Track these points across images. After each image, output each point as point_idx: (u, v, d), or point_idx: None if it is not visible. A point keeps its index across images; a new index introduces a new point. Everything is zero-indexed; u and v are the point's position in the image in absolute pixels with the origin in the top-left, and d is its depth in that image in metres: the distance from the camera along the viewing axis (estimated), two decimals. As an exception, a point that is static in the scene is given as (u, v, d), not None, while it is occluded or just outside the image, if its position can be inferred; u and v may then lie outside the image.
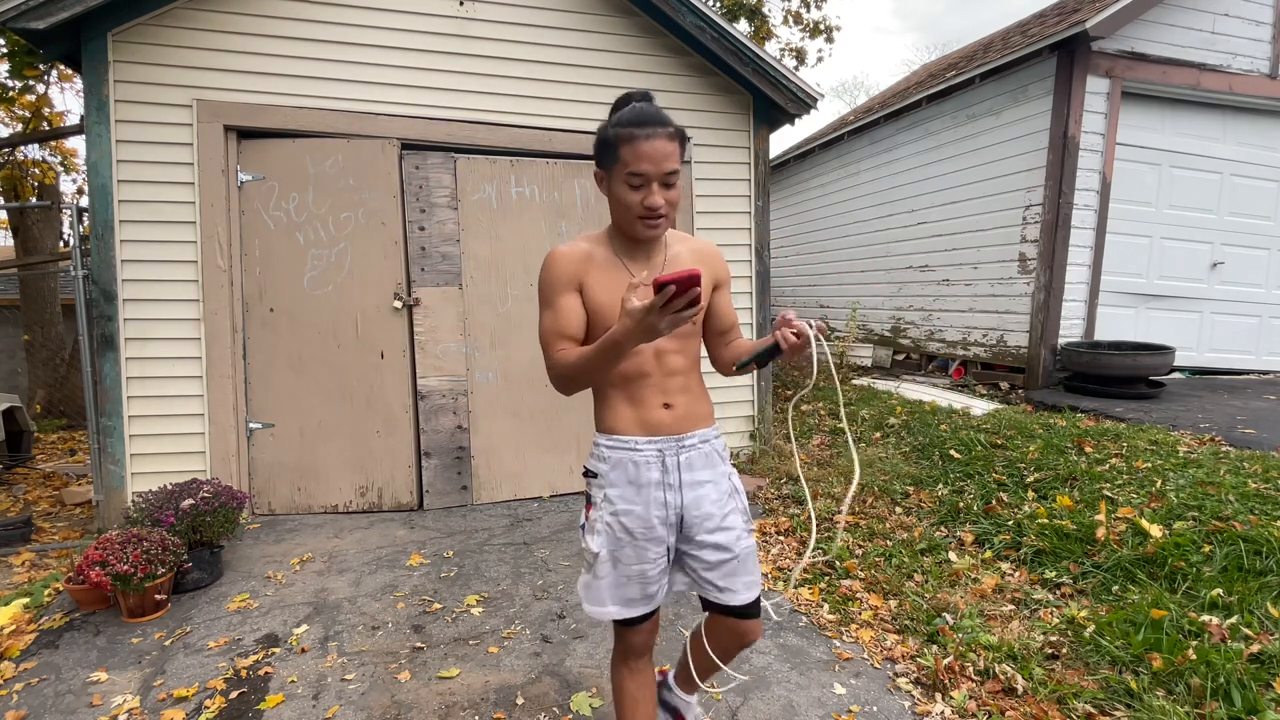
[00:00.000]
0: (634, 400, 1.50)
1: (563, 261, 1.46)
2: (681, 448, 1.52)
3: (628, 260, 1.48)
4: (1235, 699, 1.94)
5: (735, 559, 1.54)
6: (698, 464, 1.53)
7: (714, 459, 1.56)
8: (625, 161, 1.35)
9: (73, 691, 2.27)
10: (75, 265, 3.74)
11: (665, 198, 1.38)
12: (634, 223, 1.40)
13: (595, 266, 1.46)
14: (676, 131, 1.37)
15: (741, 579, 1.55)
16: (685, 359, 1.52)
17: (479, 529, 3.76)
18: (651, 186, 1.36)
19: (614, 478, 1.51)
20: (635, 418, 1.50)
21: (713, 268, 1.56)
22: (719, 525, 1.53)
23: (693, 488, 1.52)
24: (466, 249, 4.15)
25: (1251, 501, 2.95)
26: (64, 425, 7.58)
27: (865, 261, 8.01)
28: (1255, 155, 6.02)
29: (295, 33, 3.80)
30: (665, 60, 4.44)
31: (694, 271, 1.12)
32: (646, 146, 1.33)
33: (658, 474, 1.50)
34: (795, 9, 10.77)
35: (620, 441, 1.50)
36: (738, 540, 1.54)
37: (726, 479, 1.58)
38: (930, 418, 4.99)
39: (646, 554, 1.51)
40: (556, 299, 1.45)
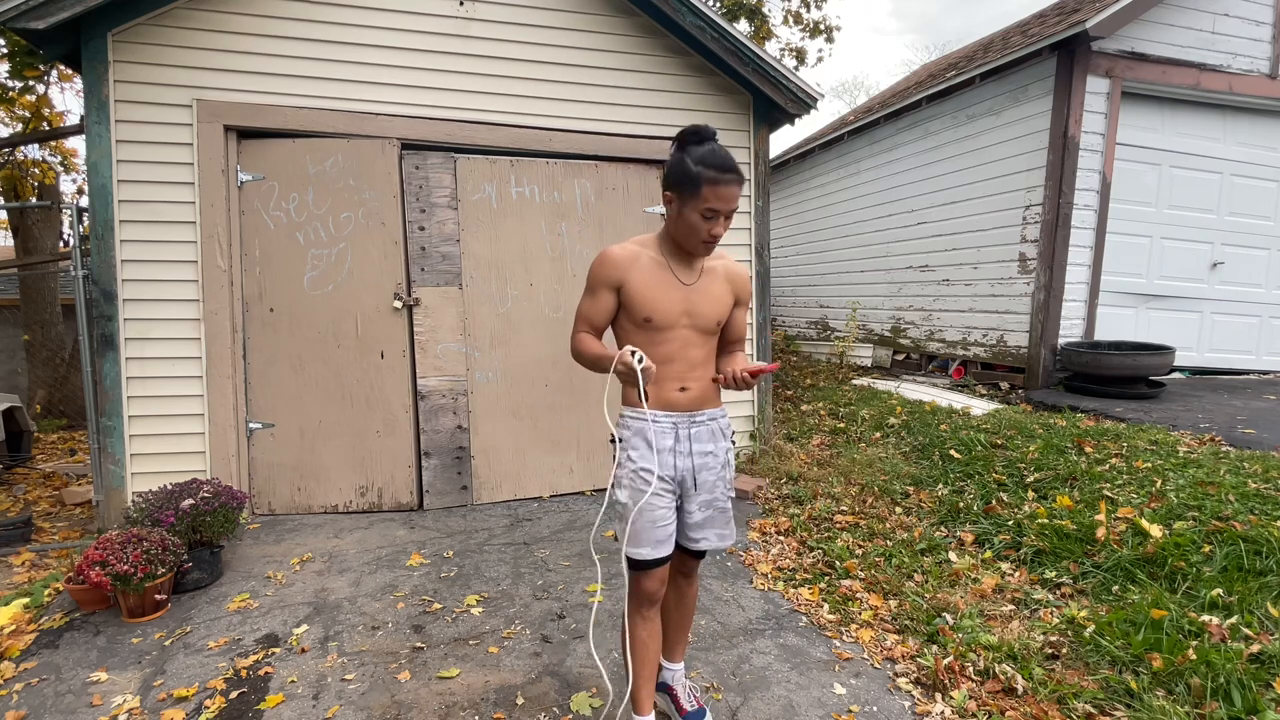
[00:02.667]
0: (658, 382, 1.79)
1: (608, 264, 1.78)
2: (693, 423, 1.84)
3: (674, 264, 1.81)
4: (1235, 699, 1.94)
5: (719, 512, 1.91)
6: (704, 437, 1.86)
7: (718, 434, 1.90)
8: (705, 198, 1.66)
9: (73, 691, 2.27)
10: (75, 265, 3.74)
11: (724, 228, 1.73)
12: (697, 245, 1.74)
13: (641, 267, 1.78)
14: (743, 178, 1.71)
15: (715, 529, 1.91)
16: (704, 351, 1.84)
17: (479, 529, 3.76)
18: (719, 220, 1.69)
19: (635, 442, 1.82)
20: (657, 396, 1.80)
21: (736, 287, 1.89)
22: (712, 487, 1.89)
23: (701, 456, 1.85)
24: (466, 249, 4.15)
25: (1251, 501, 2.95)
26: (64, 425, 7.58)
27: (865, 261, 8.00)
28: (1255, 155, 6.02)
29: (295, 33, 3.80)
30: (665, 60, 4.44)
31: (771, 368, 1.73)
32: (726, 191, 1.66)
33: (671, 441, 1.82)
34: (795, 9, 10.77)
35: (640, 414, 1.80)
36: (720, 501, 1.91)
37: (725, 452, 1.92)
38: (930, 418, 4.99)
39: (660, 499, 1.81)
40: (596, 291, 1.81)
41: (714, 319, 1.82)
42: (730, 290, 1.87)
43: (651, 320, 1.78)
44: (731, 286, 1.88)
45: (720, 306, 1.83)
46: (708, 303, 1.80)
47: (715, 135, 1.72)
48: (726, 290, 1.85)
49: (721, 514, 1.92)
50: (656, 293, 1.77)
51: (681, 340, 1.80)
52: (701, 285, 1.81)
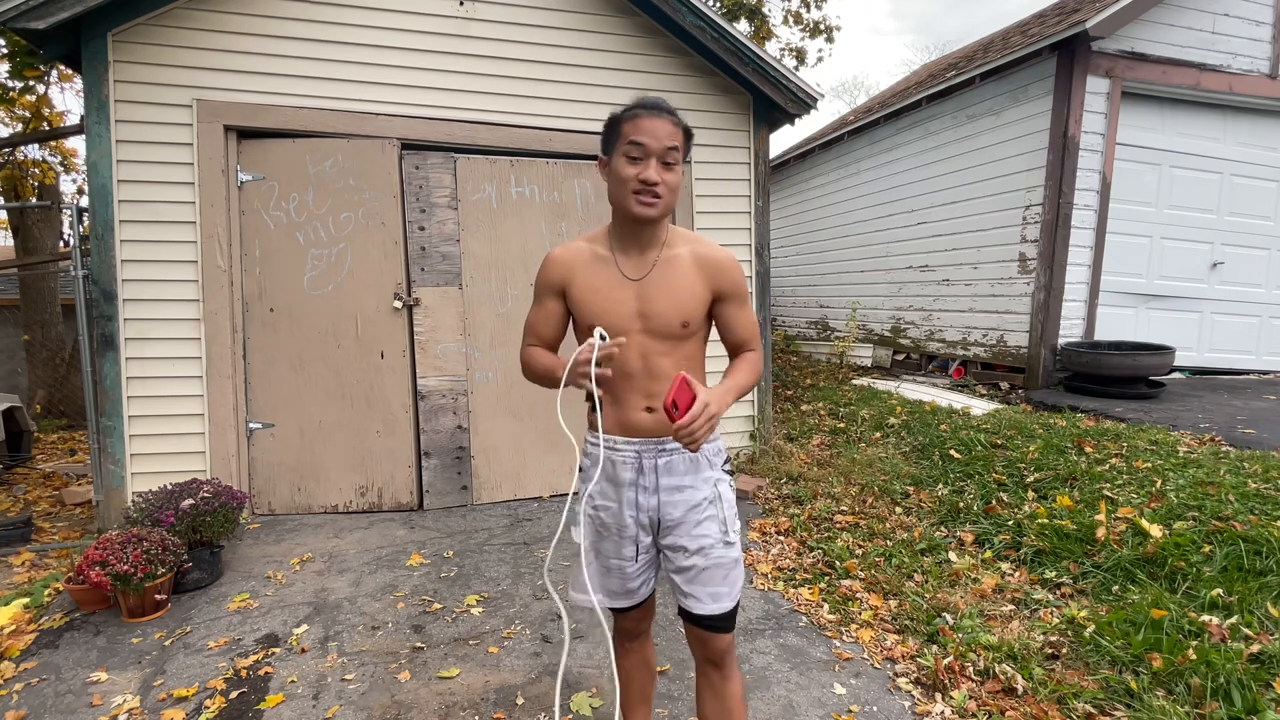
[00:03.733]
0: (617, 400, 1.50)
1: (550, 266, 1.53)
2: (661, 451, 1.50)
3: (620, 256, 1.49)
4: (1235, 699, 1.94)
5: (702, 568, 1.50)
6: (679, 469, 1.50)
7: (699, 464, 1.51)
8: (625, 134, 1.38)
9: (73, 691, 2.27)
10: (75, 265, 3.74)
11: (664, 178, 1.38)
12: (628, 198, 1.39)
13: (585, 265, 1.50)
14: (681, 123, 1.41)
15: (707, 589, 1.50)
16: (674, 362, 1.47)
17: (479, 529, 3.76)
18: (650, 161, 1.37)
19: (595, 474, 1.53)
20: (616, 418, 1.50)
21: (713, 276, 1.49)
22: (689, 532, 1.50)
23: (669, 491, 1.50)
24: (466, 249, 4.15)
25: (1251, 501, 2.95)
26: (64, 425, 7.58)
27: (865, 261, 8.00)
28: (1255, 155, 6.02)
29: (295, 33, 3.80)
30: (665, 60, 4.44)
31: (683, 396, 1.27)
32: (648, 122, 1.36)
33: (632, 474, 1.50)
34: (795, 9, 10.77)
35: (604, 440, 1.53)
36: (710, 549, 1.50)
37: (711, 485, 1.52)
38: (930, 418, 4.99)
39: (623, 550, 1.55)
40: (541, 299, 1.56)
41: (675, 319, 1.45)
42: (703, 280, 1.47)
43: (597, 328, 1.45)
44: (705, 276, 1.48)
45: (683, 302, 1.45)
46: (664, 299, 1.45)
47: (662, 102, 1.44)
48: (695, 281, 1.47)
49: (713, 568, 1.50)
50: (599, 294, 1.47)
51: (638, 349, 1.45)
52: (655, 278, 1.46)
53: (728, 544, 1.52)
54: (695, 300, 1.47)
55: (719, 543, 1.51)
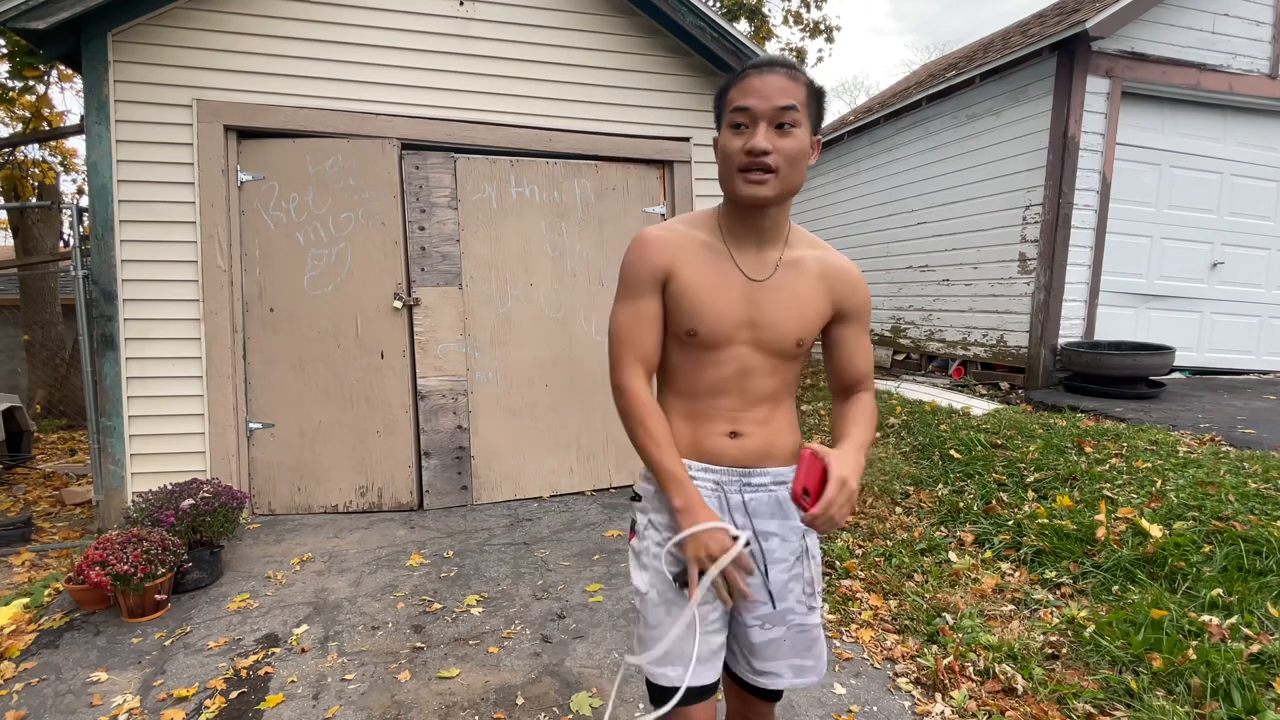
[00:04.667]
0: (696, 418, 1.24)
1: (650, 248, 1.21)
2: (746, 485, 1.23)
3: (736, 251, 1.21)
4: (1235, 699, 1.94)
5: (779, 641, 1.26)
6: (763, 509, 1.24)
7: (788, 508, 1.24)
8: (730, 101, 1.13)
9: (73, 691, 2.27)
10: (75, 265, 3.74)
11: (777, 145, 1.10)
12: (733, 178, 1.13)
13: (690, 254, 1.21)
14: (803, 77, 1.13)
15: (786, 661, 1.27)
16: (776, 384, 1.23)
17: (479, 529, 3.76)
18: (759, 126, 1.10)
19: (660, 503, 1.23)
20: (692, 440, 1.24)
21: (839, 291, 1.24)
22: (782, 593, 1.25)
23: (761, 539, 1.24)
24: (466, 249, 4.14)
25: (1251, 501, 2.95)
26: (64, 425, 7.58)
27: (865, 261, 8.00)
28: (1255, 155, 6.02)
29: (295, 33, 3.80)
30: (665, 60, 4.44)
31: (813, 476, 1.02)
32: (756, 81, 1.11)
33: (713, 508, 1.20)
34: (795, 9, 10.78)
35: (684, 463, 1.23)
36: (789, 615, 1.25)
37: (799, 537, 1.26)
38: (930, 418, 4.99)
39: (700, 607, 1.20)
40: (634, 295, 1.22)
41: (792, 335, 1.20)
42: (826, 294, 1.23)
43: (698, 334, 1.19)
44: (830, 289, 1.23)
45: (805, 315, 1.21)
46: (784, 308, 1.20)
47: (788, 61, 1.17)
48: (819, 293, 1.22)
49: (800, 636, 1.26)
50: (709, 292, 1.19)
51: (738, 364, 1.20)
52: (778, 282, 1.20)
53: (811, 609, 1.28)
54: (816, 315, 1.23)
55: (802, 608, 1.27)
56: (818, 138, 1.18)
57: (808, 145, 1.14)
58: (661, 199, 4.52)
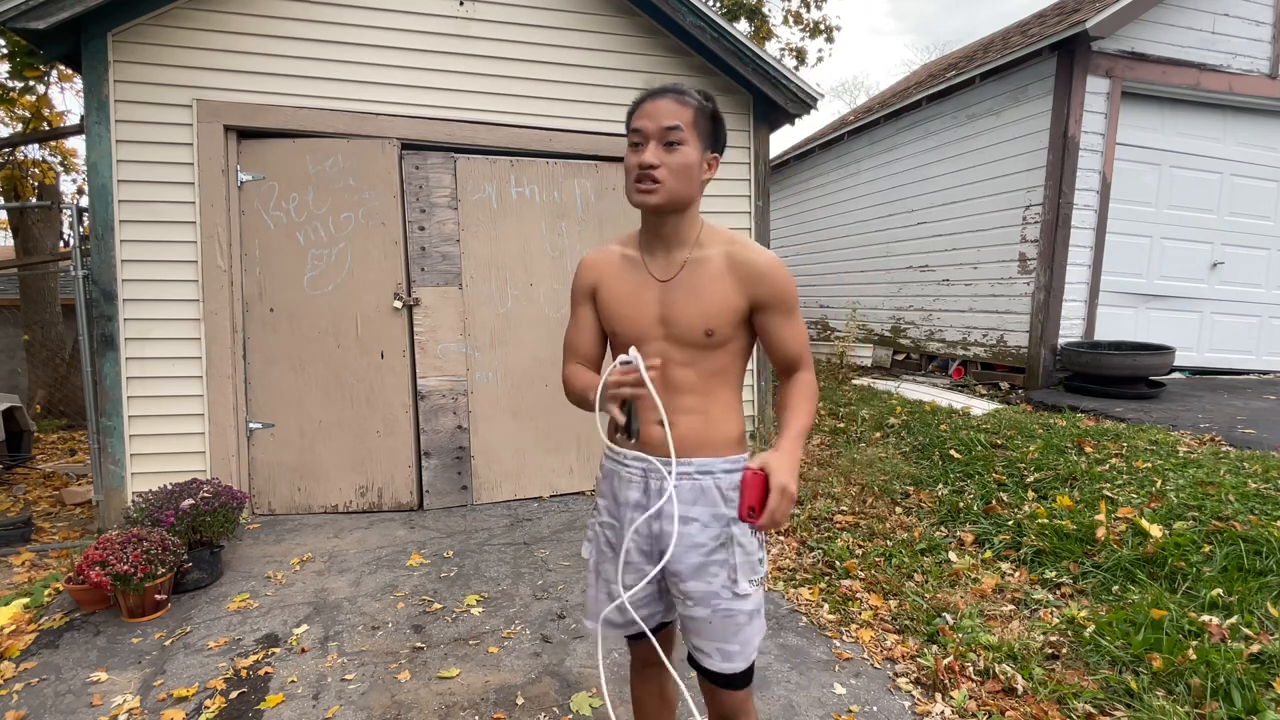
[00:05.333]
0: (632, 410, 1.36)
1: (581, 271, 1.45)
2: (669, 474, 1.32)
3: (648, 257, 1.37)
4: (1235, 699, 1.94)
5: (705, 620, 1.34)
6: (687, 496, 1.32)
7: (713, 496, 1.33)
8: (630, 122, 1.30)
9: (73, 691, 2.27)
10: (75, 265, 3.74)
11: (664, 160, 1.25)
12: (630, 188, 1.29)
13: (614, 268, 1.40)
14: (690, 101, 1.28)
15: (713, 643, 1.34)
16: (697, 374, 1.33)
17: (479, 529, 3.76)
18: (649, 144, 1.26)
19: (604, 488, 1.44)
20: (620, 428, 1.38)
21: (749, 280, 1.31)
22: (693, 575, 1.33)
23: (670, 521, 1.31)
24: (466, 249, 4.15)
25: (1251, 501, 2.95)
26: (64, 425, 7.58)
27: (865, 261, 8.00)
28: (1255, 155, 6.02)
29: (295, 33, 3.80)
30: (665, 60, 4.44)
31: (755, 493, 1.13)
32: (649, 105, 1.28)
33: (638, 494, 1.36)
34: (795, 9, 10.78)
35: (612, 452, 1.40)
36: (713, 599, 1.33)
37: (721, 525, 1.33)
38: (930, 418, 4.99)
39: (623, 576, 1.37)
40: (575, 310, 1.46)
41: (699, 325, 1.30)
42: (737, 286, 1.30)
43: (617, 334, 1.38)
44: (739, 281, 1.30)
45: (708, 308, 1.30)
46: (689, 302, 1.31)
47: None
48: (727, 285, 1.30)
49: (725, 621, 1.33)
50: (624, 297, 1.36)
51: (658, 357, 1.29)
52: (682, 280, 1.32)
53: (738, 595, 1.33)
54: (724, 307, 1.30)
55: (727, 594, 1.33)
56: (713, 154, 1.33)
57: (695, 160, 1.28)
58: (661, 199, 4.51)
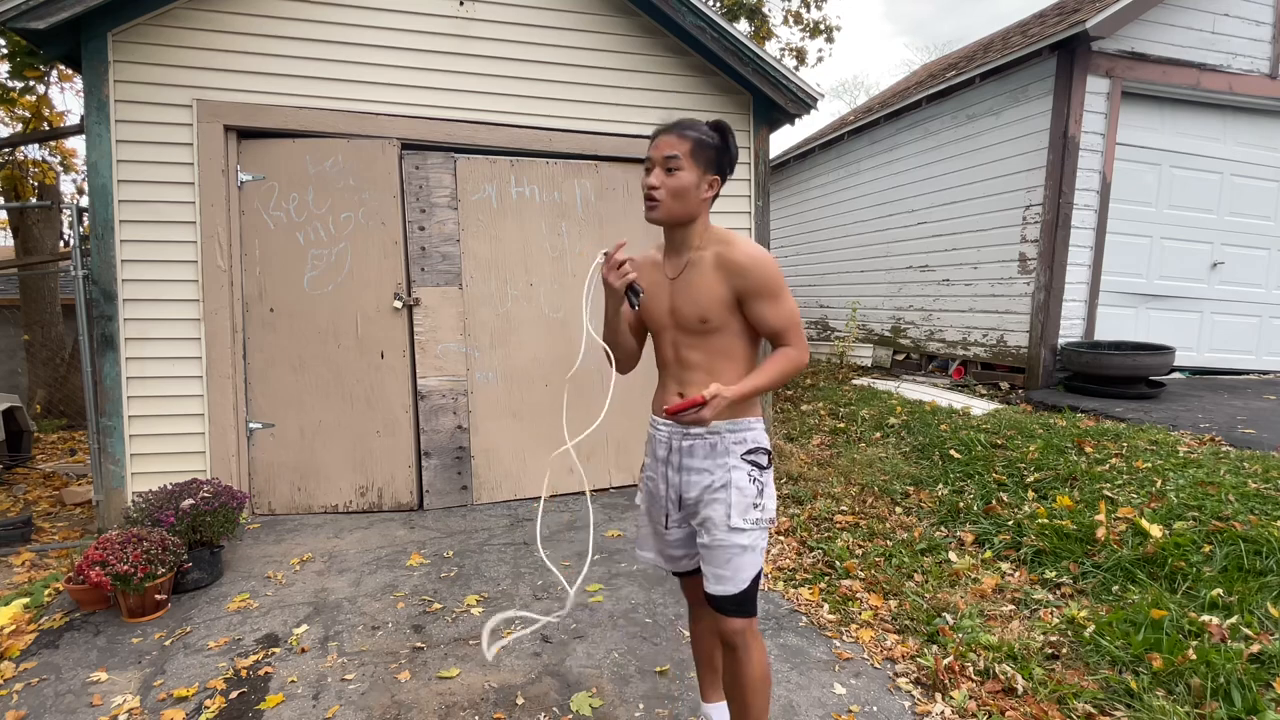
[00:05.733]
0: (661, 385, 1.74)
1: None
2: (685, 435, 1.66)
3: (666, 260, 1.70)
4: (1235, 699, 1.94)
5: (707, 546, 1.65)
6: (699, 452, 1.66)
7: (719, 451, 1.64)
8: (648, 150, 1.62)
9: (73, 691, 2.27)
10: (75, 265, 3.74)
11: (664, 183, 1.57)
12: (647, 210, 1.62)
13: (646, 270, 1.71)
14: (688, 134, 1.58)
15: (710, 568, 1.65)
16: (703, 354, 1.64)
17: (479, 529, 3.76)
18: (654, 170, 1.59)
19: (647, 448, 1.81)
20: (659, 401, 1.74)
21: (733, 275, 1.57)
22: (701, 511, 1.66)
23: (687, 472, 1.67)
24: (466, 249, 4.15)
25: (1251, 501, 2.95)
26: (64, 425, 7.58)
27: (865, 261, 8.00)
28: (1255, 155, 6.02)
29: (295, 33, 3.80)
30: (665, 60, 4.44)
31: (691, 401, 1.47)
32: (658, 138, 1.60)
33: (665, 452, 1.71)
34: (795, 9, 10.77)
35: (652, 420, 1.78)
36: (713, 529, 1.63)
37: (725, 471, 1.63)
38: (930, 418, 4.99)
39: (659, 516, 1.77)
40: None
41: (694, 315, 1.60)
42: (723, 281, 1.57)
43: (646, 324, 1.74)
44: (726, 276, 1.57)
45: (703, 300, 1.58)
46: (687, 297, 1.61)
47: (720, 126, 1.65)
48: (716, 281, 1.58)
49: (716, 549, 1.62)
50: (649, 291, 1.69)
51: (672, 342, 1.68)
52: (684, 278, 1.63)
53: (732, 529, 1.61)
54: (713, 300, 1.58)
55: (723, 526, 1.62)
56: (713, 176, 1.62)
57: (690, 183, 1.58)
58: (661, 199, 4.51)
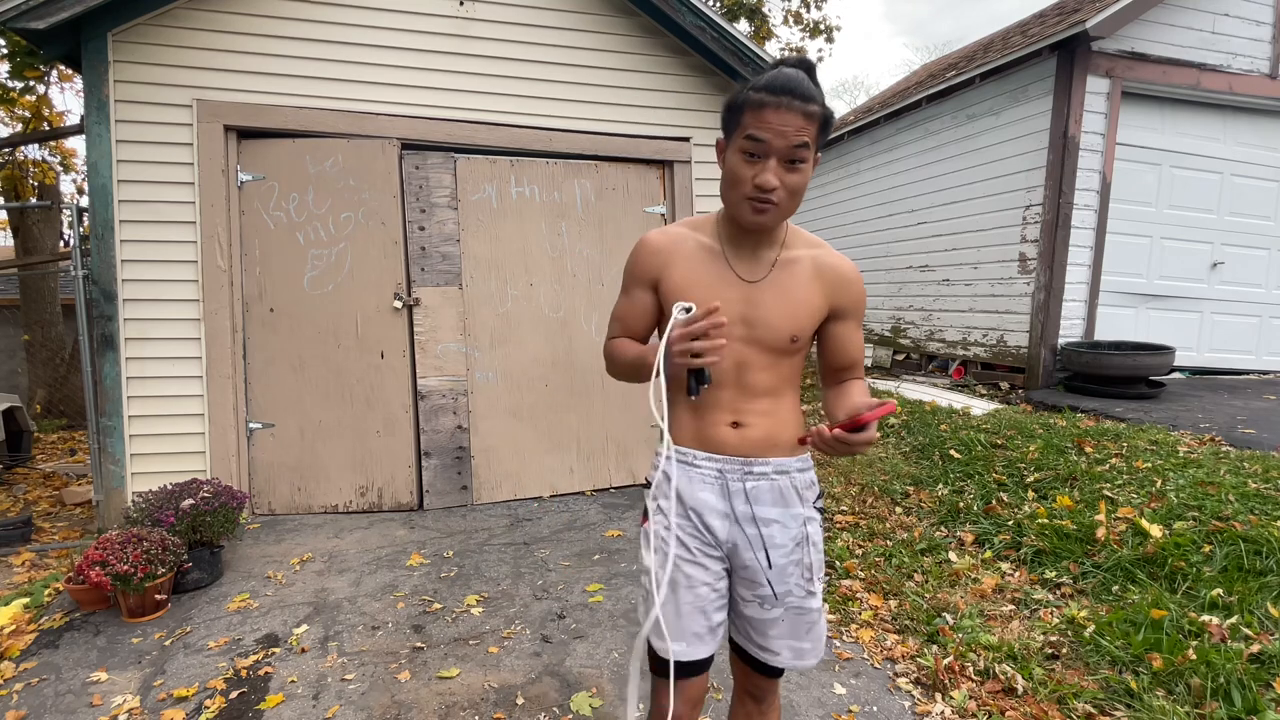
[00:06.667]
0: (699, 410, 1.30)
1: (643, 253, 1.33)
2: (748, 474, 1.29)
3: (731, 252, 1.29)
4: (1235, 699, 1.94)
5: (777, 621, 1.33)
6: (765, 497, 1.30)
7: (788, 496, 1.31)
8: (745, 125, 1.16)
9: (73, 691, 2.27)
10: (75, 265, 3.74)
11: (784, 180, 1.17)
12: (740, 203, 1.20)
13: (687, 254, 1.30)
14: (817, 111, 1.16)
15: (785, 641, 1.34)
16: (774, 377, 1.30)
17: (479, 529, 3.76)
18: (769, 161, 1.16)
19: (666, 490, 1.32)
20: (695, 431, 1.31)
21: (835, 289, 1.30)
22: (774, 577, 1.31)
23: (749, 523, 1.29)
24: (466, 249, 4.15)
25: (1251, 501, 2.95)
26: (64, 425, 7.58)
27: (865, 261, 8.00)
28: (1255, 155, 6.02)
29: (295, 33, 3.80)
30: (665, 60, 4.44)
31: (884, 409, 1.12)
32: (773, 114, 1.13)
33: (714, 497, 1.30)
34: (795, 9, 10.78)
35: (678, 453, 1.31)
36: (788, 598, 1.33)
37: (799, 524, 1.32)
38: (930, 418, 4.99)
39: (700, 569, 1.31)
40: (630, 289, 1.36)
41: (786, 331, 1.26)
42: (823, 292, 1.29)
43: None
44: (825, 287, 1.29)
45: (798, 313, 1.27)
46: (779, 307, 1.26)
47: (808, 65, 1.20)
48: (815, 292, 1.28)
49: (798, 618, 1.33)
50: (701, 289, 1.26)
51: (735, 358, 1.26)
52: (773, 281, 1.27)
53: (810, 593, 1.34)
54: (810, 313, 1.29)
55: (802, 591, 1.33)
56: (818, 155, 1.24)
57: (810, 174, 1.22)
58: (661, 199, 4.52)
